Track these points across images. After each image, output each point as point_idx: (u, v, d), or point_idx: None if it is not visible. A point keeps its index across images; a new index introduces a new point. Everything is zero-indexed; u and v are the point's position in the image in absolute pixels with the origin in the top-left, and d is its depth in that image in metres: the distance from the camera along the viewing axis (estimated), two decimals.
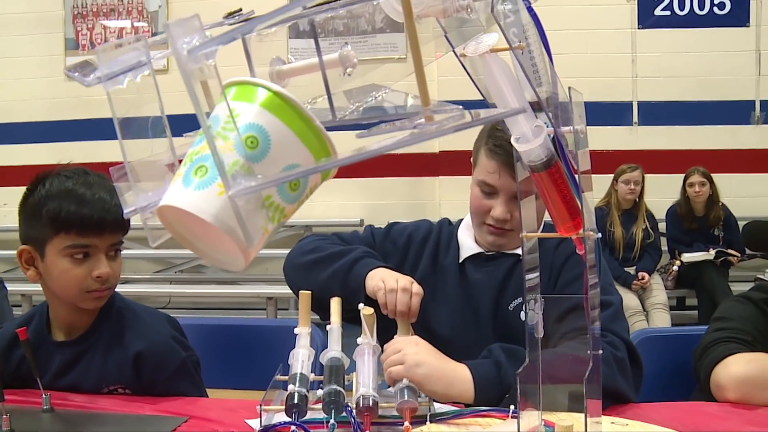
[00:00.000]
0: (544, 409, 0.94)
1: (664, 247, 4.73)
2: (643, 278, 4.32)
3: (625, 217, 4.49)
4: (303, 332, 1.28)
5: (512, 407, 1.06)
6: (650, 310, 4.31)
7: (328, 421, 1.08)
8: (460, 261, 1.48)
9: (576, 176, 0.83)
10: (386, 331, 1.30)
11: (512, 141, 0.84)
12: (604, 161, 4.99)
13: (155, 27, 5.55)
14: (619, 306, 1.35)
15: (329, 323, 1.29)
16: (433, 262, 1.51)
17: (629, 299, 4.29)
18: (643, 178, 4.46)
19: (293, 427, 1.07)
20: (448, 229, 1.56)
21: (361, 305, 1.27)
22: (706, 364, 1.30)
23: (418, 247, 1.54)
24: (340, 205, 5.46)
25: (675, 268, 4.50)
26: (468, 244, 1.49)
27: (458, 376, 1.20)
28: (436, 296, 1.45)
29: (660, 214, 4.74)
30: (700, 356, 1.33)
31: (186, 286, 5.52)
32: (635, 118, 5.43)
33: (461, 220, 1.56)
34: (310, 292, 1.32)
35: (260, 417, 1.14)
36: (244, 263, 0.63)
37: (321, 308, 1.35)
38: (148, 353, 1.35)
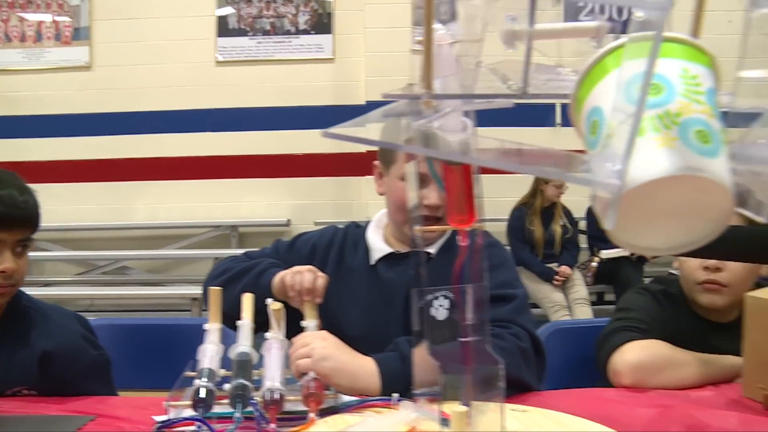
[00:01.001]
0: (447, 399, 0.96)
1: (584, 244, 4.88)
2: (564, 273, 4.45)
3: (544, 215, 4.61)
4: (213, 328, 1.29)
5: (395, 395, 1.09)
6: (573, 304, 4.44)
7: (235, 416, 1.08)
8: (372, 263, 1.50)
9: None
10: (298, 329, 1.32)
11: (434, 125, 0.85)
12: None
13: (77, 22, 5.41)
14: (523, 299, 1.39)
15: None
16: (338, 266, 1.54)
17: (555, 295, 4.43)
18: None
19: (197, 423, 1.07)
20: (355, 231, 1.59)
21: (269, 300, 1.28)
22: (604, 352, 1.36)
23: (323, 254, 1.57)
24: (266, 205, 5.44)
25: (594, 264, 4.64)
26: (378, 245, 1.51)
27: (365, 369, 1.22)
28: (345, 298, 1.48)
29: (579, 212, 4.88)
30: (600, 345, 1.39)
31: (109, 288, 5.41)
32: (558, 119, 5.59)
33: (369, 222, 1.59)
34: (220, 288, 1.33)
35: (167, 413, 1.14)
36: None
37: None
38: (57, 352, 1.33)
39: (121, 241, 5.54)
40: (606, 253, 4.57)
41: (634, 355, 1.31)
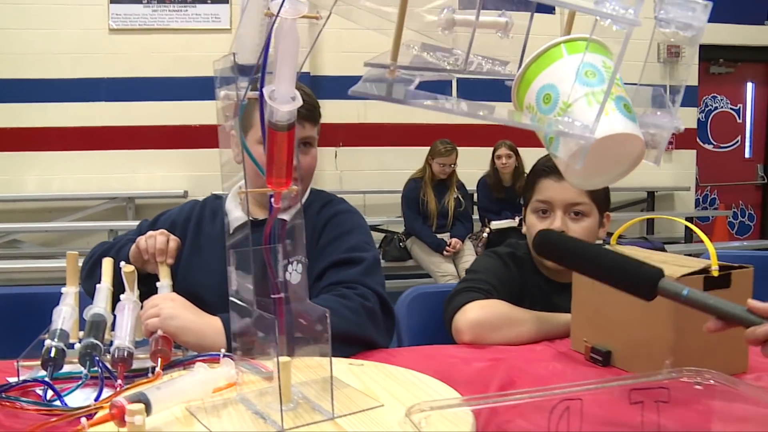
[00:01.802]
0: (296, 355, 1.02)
1: (476, 216, 5.06)
2: (454, 245, 4.60)
3: (438, 188, 4.74)
4: (69, 291, 1.31)
5: (222, 350, 1.15)
6: (462, 273, 4.60)
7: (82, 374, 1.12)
8: (231, 231, 1.54)
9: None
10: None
11: (265, 92, 0.90)
12: (421, 134, 5.24)
13: None
14: (372, 261, 1.46)
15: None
16: (196, 237, 1.60)
17: (445, 265, 4.58)
18: (457, 155, 4.71)
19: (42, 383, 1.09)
20: (214, 203, 1.64)
21: (122, 263, 1.32)
22: (449, 312, 1.45)
23: (182, 227, 1.62)
24: (163, 176, 5.37)
25: (485, 234, 4.81)
26: (235, 213, 1.55)
27: (211, 327, 1.28)
28: (204, 267, 1.53)
29: (471, 184, 5.04)
30: (446, 306, 1.48)
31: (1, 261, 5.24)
32: (454, 93, 5.72)
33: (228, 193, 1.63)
34: (76, 253, 1.36)
35: (17, 374, 1.16)
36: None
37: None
38: None
39: (12, 213, 5.37)
40: (496, 224, 4.75)
41: (474, 314, 1.41)
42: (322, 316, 0.96)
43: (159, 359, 1.15)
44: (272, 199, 0.95)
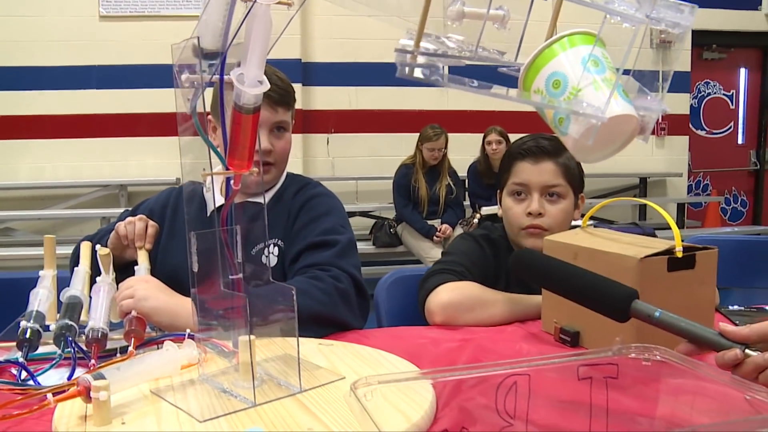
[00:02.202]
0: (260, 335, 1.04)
1: (467, 202, 5.08)
2: (444, 231, 4.62)
3: (430, 174, 4.76)
4: (47, 274, 1.33)
5: (188, 330, 1.16)
6: None
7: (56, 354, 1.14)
8: (207, 214, 1.56)
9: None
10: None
11: (232, 75, 0.92)
12: (413, 120, 5.25)
13: None
14: (346, 244, 1.49)
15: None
16: (173, 222, 1.63)
17: (435, 251, 4.60)
18: (447, 140, 4.73)
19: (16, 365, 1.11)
20: (192, 187, 1.65)
21: (98, 246, 1.34)
22: (422, 294, 1.48)
23: (160, 214, 1.65)
24: (155, 163, 5.38)
25: (475, 220, 4.83)
26: (218, 199, 1.55)
27: (184, 308, 1.29)
28: (180, 250, 1.54)
29: (462, 170, 5.06)
30: (420, 287, 1.50)
31: None
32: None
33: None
34: (53, 237, 1.38)
35: None
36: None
37: None
38: None
39: (4, 201, 5.38)
40: (486, 210, 4.76)
41: (446, 295, 1.43)
42: (288, 295, 0.98)
43: (132, 339, 1.18)
44: (231, 182, 0.97)
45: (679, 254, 1.21)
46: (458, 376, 0.81)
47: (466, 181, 5.14)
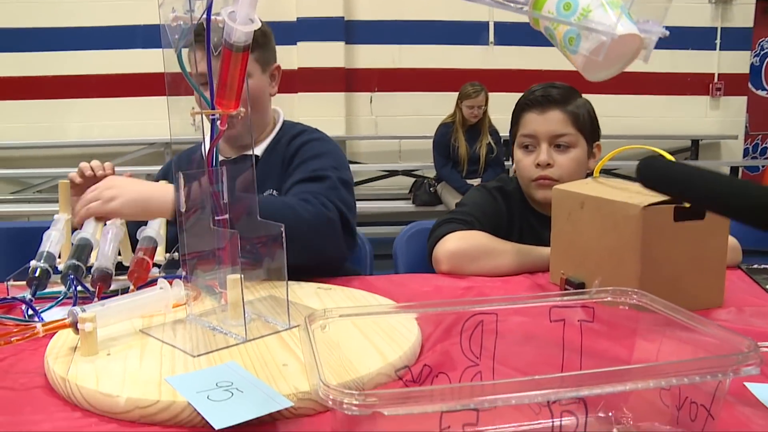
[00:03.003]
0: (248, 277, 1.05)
1: (509, 162, 5.01)
2: None
3: (470, 133, 4.70)
4: (61, 218, 1.37)
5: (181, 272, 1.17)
6: None
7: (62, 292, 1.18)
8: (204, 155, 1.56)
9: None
10: None
11: (223, 13, 0.92)
12: (456, 79, 5.18)
13: None
14: (336, 181, 1.46)
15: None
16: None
17: None
18: (487, 98, 4.66)
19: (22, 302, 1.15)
20: (190, 149, 1.66)
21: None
22: (430, 242, 1.47)
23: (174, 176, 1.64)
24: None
25: None
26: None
27: (155, 196, 1.29)
28: None
29: (505, 130, 4.97)
30: (429, 237, 1.50)
31: (45, 205, 5.41)
32: (491, 38, 5.66)
33: None
34: (68, 181, 1.41)
35: (7, 293, 1.22)
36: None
37: None
38: None
39: (55, 159, 5.52)
40: None
41: (452, 244, 1.42)
42: (278, 234, 0.99)
43: (135, 279, 1.21)
44: (218, 122, 0.97)
45: (687, 204, 1.17)
46: (420, 311, 0.81)
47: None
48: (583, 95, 1.61)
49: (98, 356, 0.88)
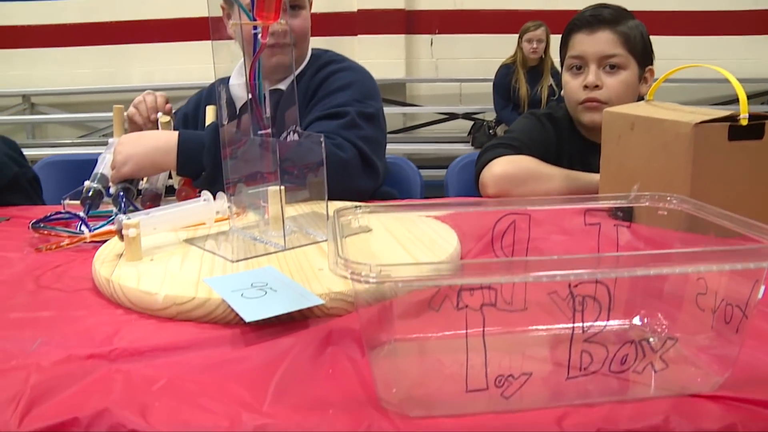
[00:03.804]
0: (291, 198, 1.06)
1: None
2: None
3: (531, 74, 4.60)
4: (115, 141, 1.41)
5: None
6: None
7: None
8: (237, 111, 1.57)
9: None
10: None
11: None
12: (518, 21, 5.06)
13: None
14: (356, 116, 1.44)
15: None
16: (204, 118, 1.62)
17: None
18: (548, 36, 4.54)
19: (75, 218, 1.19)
20: (218, 86, 1.65)
21: (159, 114, 1.40)
22: (477, 167, 1.46)
23: (193, 119, 1.69)
24: None
25: None
26: (239, 93, 1.53)
27: (159, 152, 1.34)
28: None
29: None
30: (477, 162, 1.48)
31: None
32: None
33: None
34: (122, 106, 1.45)
35: (63, 209, 1.27)
36: None
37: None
38: None
39: (119, 103, 5.63)
40: None
41: (500, 168, 1.40)
42: (317, 142, 0.99)
43: (183, 199, 1.24)
44: (259, 35, 0.97)
45: (744, 122, 1.12)
46: (447, 210, 0.81)
47: None
48: (651, 36, 1.55)
49: (141, 262, 0.91)
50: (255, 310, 0.71)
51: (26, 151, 1.60)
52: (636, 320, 0.75)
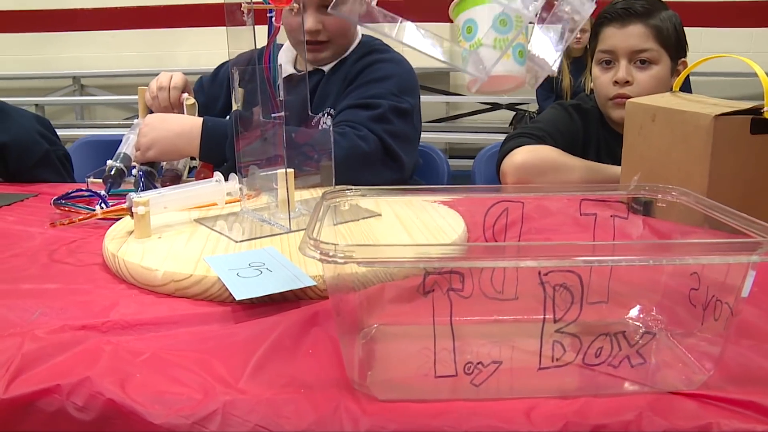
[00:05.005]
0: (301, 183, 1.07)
1: None
2: None
3: (575, 65, 4.52)
4: (139, 122, 1.43)
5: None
6: None
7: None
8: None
9: None
10: None
11: None
12: None
13: None
14: (387, 110, 1.43)
15: None
16: (229, 91, 1.62)
17: None
18: (592, 25, 4.45)
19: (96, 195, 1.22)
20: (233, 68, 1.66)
21: (184, 95, 1.42)
22: (500, 156, 1.44)
23: (209, 85, 1.72)
24: None
25: None
26: (285, 68, 1.55)
27: (182, 138, 1.34)
28: None
29: None
30: (499, 150, 1.47)
31: None
32: None
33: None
34: (146, 87, 1.47)
35: (87, 187, 1.30)
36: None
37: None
38: (12, 143, 1.51)
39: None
40: None
41: (521, 157, 1.39)
42: (326, 134, 1.00)
43: (201, 176, 1.26)
44: (273, 18, 0.98)
45: (767, 114, 1.09)
46: (439, 198, 0.81)
47: None
48: (687, 28, 1.50)
49: (150, 239, 0.93)
50: (247, 289, 0.72)
51: (74, 132, 1.64)
52: (633, 312, 0.74)
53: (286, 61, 1.59)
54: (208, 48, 5.59)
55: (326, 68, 1.56)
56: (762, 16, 5.35)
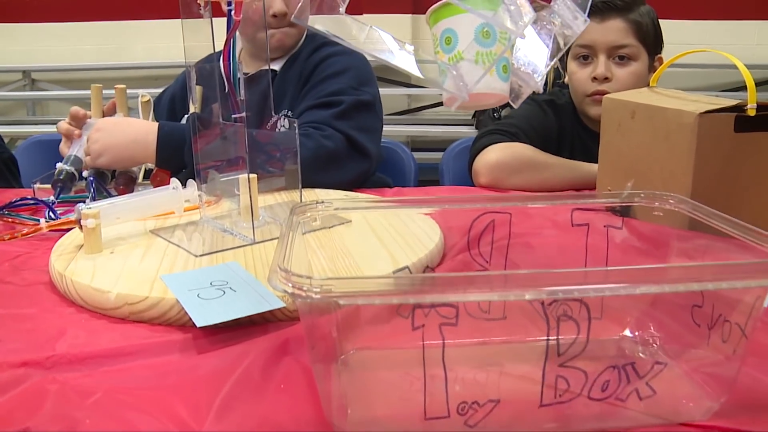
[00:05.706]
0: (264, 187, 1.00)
1: None
2: None
3: None
4: (92, 122, 1.35)
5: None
6: None
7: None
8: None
9: None
10: None
11: None
12: None
13: None
14: (351, 104, 1.37)
15: None
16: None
17: None
18: None
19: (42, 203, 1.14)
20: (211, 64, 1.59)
21: (141, 92, 1.33)
22: (471, 154, 1.39)
23: (181, 99, 1.63)
24: None
25: None
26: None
27: (138, 144, 1.27)
28: None
29: None
30: (471, 148, 1.41)
31: None
32: None
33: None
34: (100, 85, 1.38)
35: (34, 194, 1.21)
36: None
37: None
38: None
39: (121, 81, 5.56)
40: None
41: (494, 155, 1.33)
42: (291, 136, 0.94)
43: (157, 184, 1.18)
44: (233, 12, 0.91)
45: (752, 112, 1.05)
46: (420, 209, 0.75)
47: None
48: (661, 20, 1.47)
49: (101, 254, 0.85)
50: (208, 314, 0.65)
51: (26, 128, 1.54)
52: (627, 332, 0.69)
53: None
54: (166, 41, 5.46)
55: (276, 66, 1.49)
56: (737, 9, 5.39)
